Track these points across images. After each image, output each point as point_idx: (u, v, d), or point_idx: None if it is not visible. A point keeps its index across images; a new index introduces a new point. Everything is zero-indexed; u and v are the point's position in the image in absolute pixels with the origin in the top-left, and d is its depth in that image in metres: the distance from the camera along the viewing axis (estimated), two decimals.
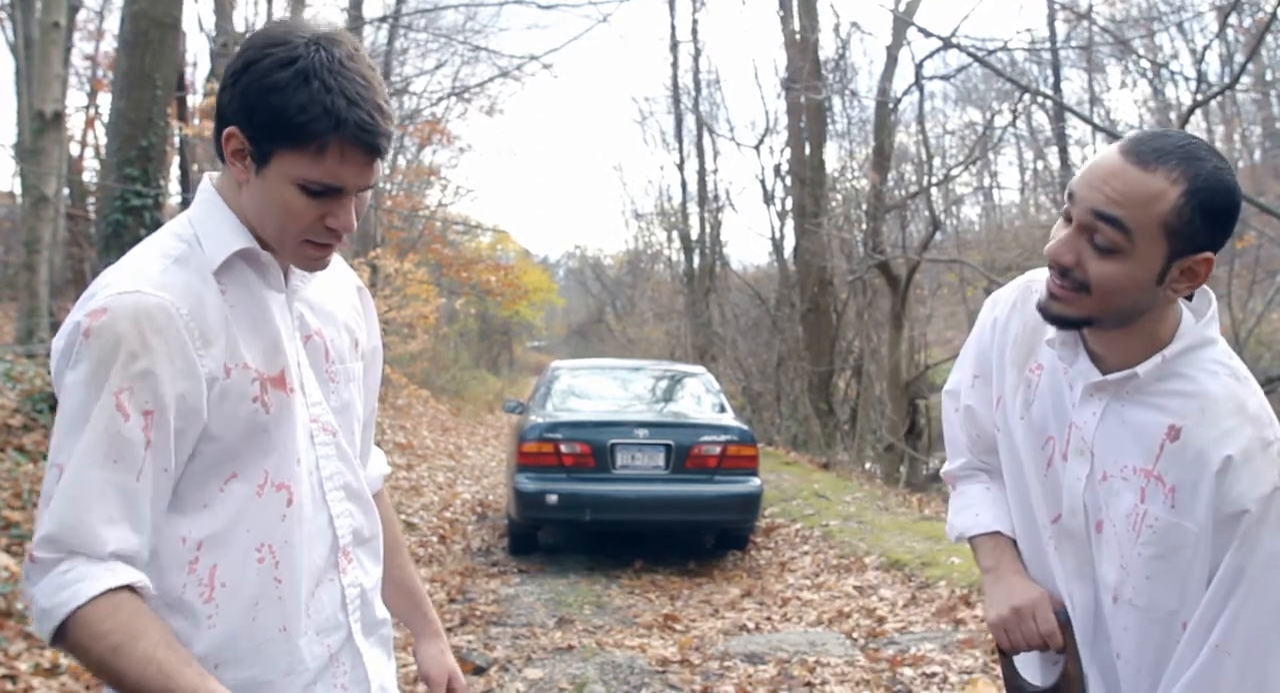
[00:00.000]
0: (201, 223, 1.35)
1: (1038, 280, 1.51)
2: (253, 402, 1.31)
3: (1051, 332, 1.49)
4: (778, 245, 18.86)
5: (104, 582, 1.20)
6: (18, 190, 14.03)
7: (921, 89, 13.66)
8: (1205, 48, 9.46)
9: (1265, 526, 1.32)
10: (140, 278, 1.28)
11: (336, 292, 1.51)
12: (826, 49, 16.61)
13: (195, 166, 14.12)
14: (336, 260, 1.51)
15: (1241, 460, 1.33)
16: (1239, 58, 10.24)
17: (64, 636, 1.21)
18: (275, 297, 1.38)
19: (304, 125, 1.24)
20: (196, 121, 13.55)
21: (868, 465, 14.33)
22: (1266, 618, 1.34)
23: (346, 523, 1.43)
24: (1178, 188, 1.32)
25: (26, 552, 1.30)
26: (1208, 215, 1.33)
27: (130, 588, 1.22)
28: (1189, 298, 1.46)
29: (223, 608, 1.31)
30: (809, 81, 14.64)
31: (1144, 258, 1.34)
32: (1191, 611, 1.38)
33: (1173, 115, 17.25)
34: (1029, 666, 1.60)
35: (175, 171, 13.88)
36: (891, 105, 14.55)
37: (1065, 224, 1.39)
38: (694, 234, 21.86)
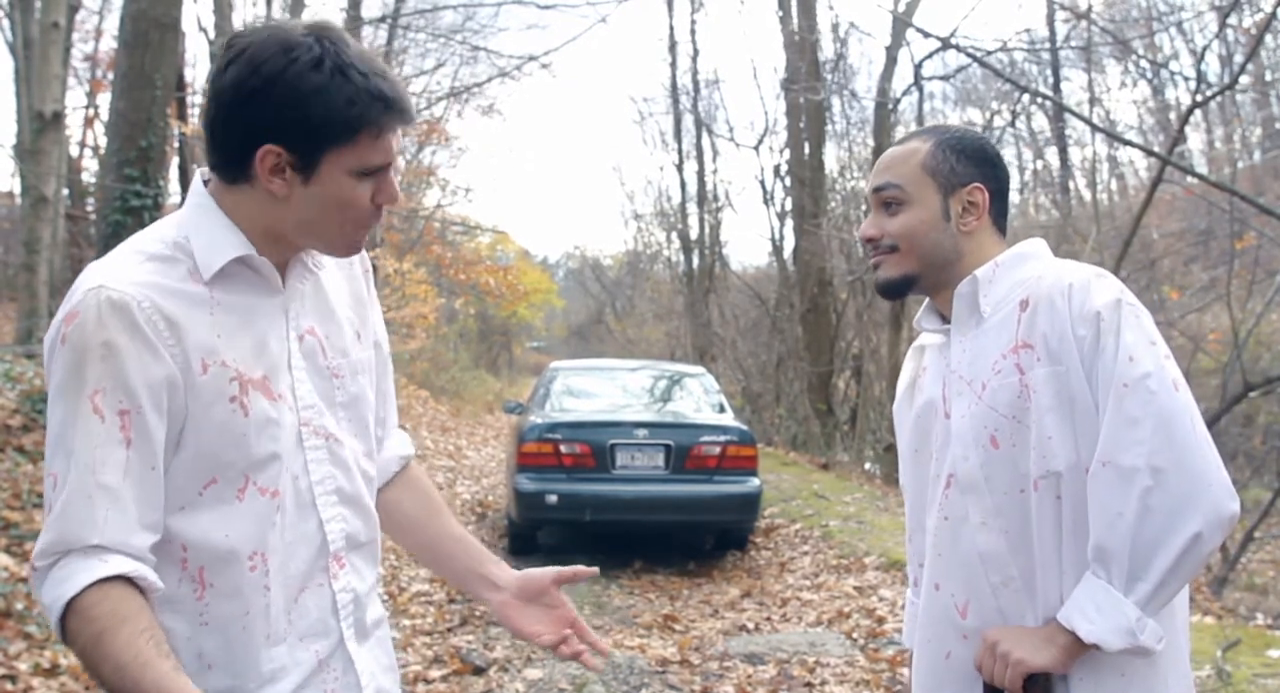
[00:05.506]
0: (194, 227, 1.33)
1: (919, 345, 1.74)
2: (230, 401, 1.29)
3: (919, 338, 1.72)
4: (777, 246, 18.86)
5: (97, 572, 1.20)
6: (17, 190, 14.03)
7: (921, 89, 13.68)
8: (1205, 48, 9.46)
9: (1113, 330, 1.44)
10: (109, 273, 1.27)
11: (332, 281, 1.48)
12: (825, 49, 16.59)
13: (195, 167, 14.13)
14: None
15: (1081, 286, 1.48)
16: (1239, 58, 10.25)
17: (64, 629, 1.22)
18: (271, 301, 1.37)
19: (359, 116, 1.26)
20: (195, 122, 13.55)
21: (867, 466, 14.32)
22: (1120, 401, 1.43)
23: (338, 527, 1.40)
24: (929, 142, 1.63)
25: (30, 563, 1.30)
26: (960, 154, 1.61)
27: (125, 579, 1.21)
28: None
29: (213, 608, 1.30)
30: (808, 82, 14.65)
31: (922, 200, 1.60)
32: (1090, 456, 1.44)
33: (1172, 115, 17.25)
34: None
35: (175, 172, 13.87)
36: (891, 106, 14.54)
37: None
38: (693, 235, 21.83)
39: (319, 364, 1.40)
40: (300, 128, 1.25)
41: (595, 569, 1.66)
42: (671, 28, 21.64)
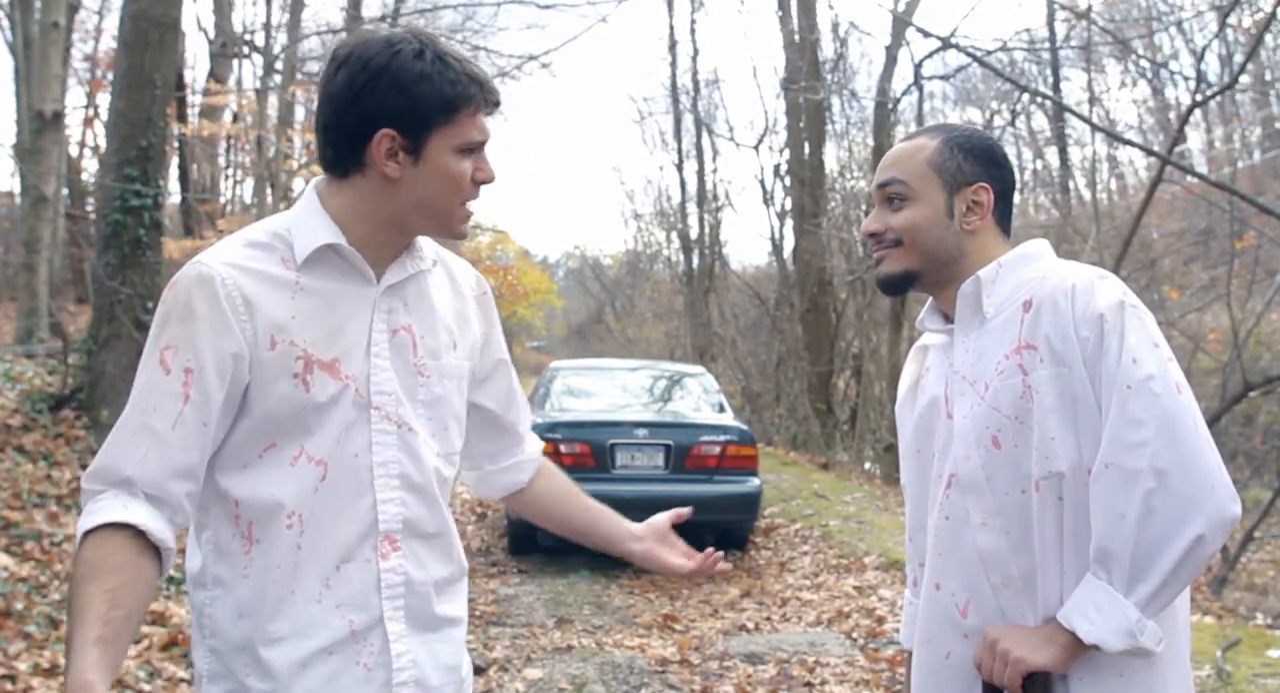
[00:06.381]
0: (296, 218, 1.49)
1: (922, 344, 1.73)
2: (293, 377, 1.42)
3: (921, 338, 1.71)
4: (777, 245, 18.85)
5: (111, 515, 1.33)
6: (17, 190, 14.03)
7: (921, 89, 13.68)
8: (1205, 48, 9.45)
9: (1116, 331, 1.44)
10: (211, 253, 1.45)
11: (444, 291, 1.59)
12: (825, 49, 16.58)
13: (195, 166, 14.13)
14: (458, 263, 1.65)
15: (1085, 287, 1.48)
16: (1239, 58, 10.24)
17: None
18: (361, 291, 1.48)
19: (460, 94, 1.42)
20: (195, 122, 13.56)
21: (867, 465, 14.32)
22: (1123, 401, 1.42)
23: (394, 510, 1.47)
24: (936, 140, 1.63)
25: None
26: (966, 153, 1.61)
27: (134, 529, 1.32)
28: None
29: (256, 562, 1.42)
30: (808, 82, 14.64)
31: (927, 196, 1.60)
32: (1093, 457, 1.44)
33: (1172, 115, 17.25)
34: None
35: (175, 171, 13.88)
36: (891, 105, 14.54)
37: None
38: (693, 234, 21.82)
39: (408, 360, 1.50)
40: (410, 110, 1.41)
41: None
42: (671, 27, 21.61)
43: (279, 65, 13.51)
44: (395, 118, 1.41)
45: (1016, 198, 1.86)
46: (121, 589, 1.29)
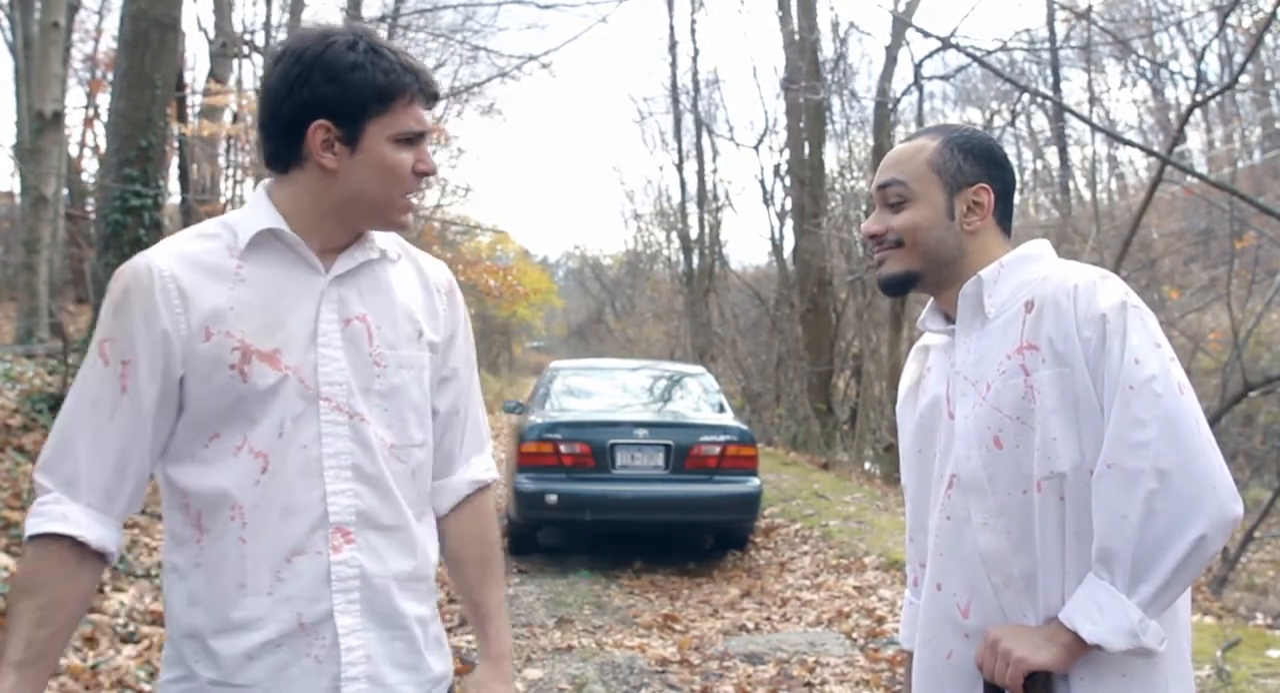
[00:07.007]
0: (244, 209, 1.51)
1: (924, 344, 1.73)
2: (230, 369, 1.42)
3: (922, 338, 1.71)
4: (777, 246, 18.84)
5: (50, 525, 1.38)
6: (17, 190, 14.03)
7: (921, 89, 13.67)
8: (1205, 48, 9.44)
9: (1118, 332, 1.44)
10: (159, 246, 1.48)
11: (410, 284, 1.58)
12: (825, 49, 16.58)
13: (194, 167, 14.12)
14: (429, 259, 1.64)
15: (1087, 288, 1.49)
16: (1239, 58, 10.24)
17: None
18: (307, 280, 1.48)
19: (394, 83, 1.43)
20: (195, 122, 13.55)
21: (867, 466, 14.32)
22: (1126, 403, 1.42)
23: (346, 502, 1.45)
24: (936, 140, 1.63)
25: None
26: (966, 153, 1.61)
27: (72, 539, 1.37)
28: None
29: (206, 552, 1.44)
30: (808, 82, 14.63)
31: (927, 197, 1.60)
32: (1095, 458, 1.44)
33: (1172, 115, 17.25)
34: None
35: (174, 171, 13.86)
36: (891, 105, 14.53)
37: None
38: (693, 234, 21.82)
39: (363, 350, 1.49)
40: (343, 99, 1.41)
41: None
42: (671, 27, 21.64)
43: None
44: (329, 108, 1.41)
45: (1016, 198, 1.86)
46: (52, 606, 1.36)
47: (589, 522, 7.30)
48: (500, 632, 1.65)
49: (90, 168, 19.18)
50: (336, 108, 1.41)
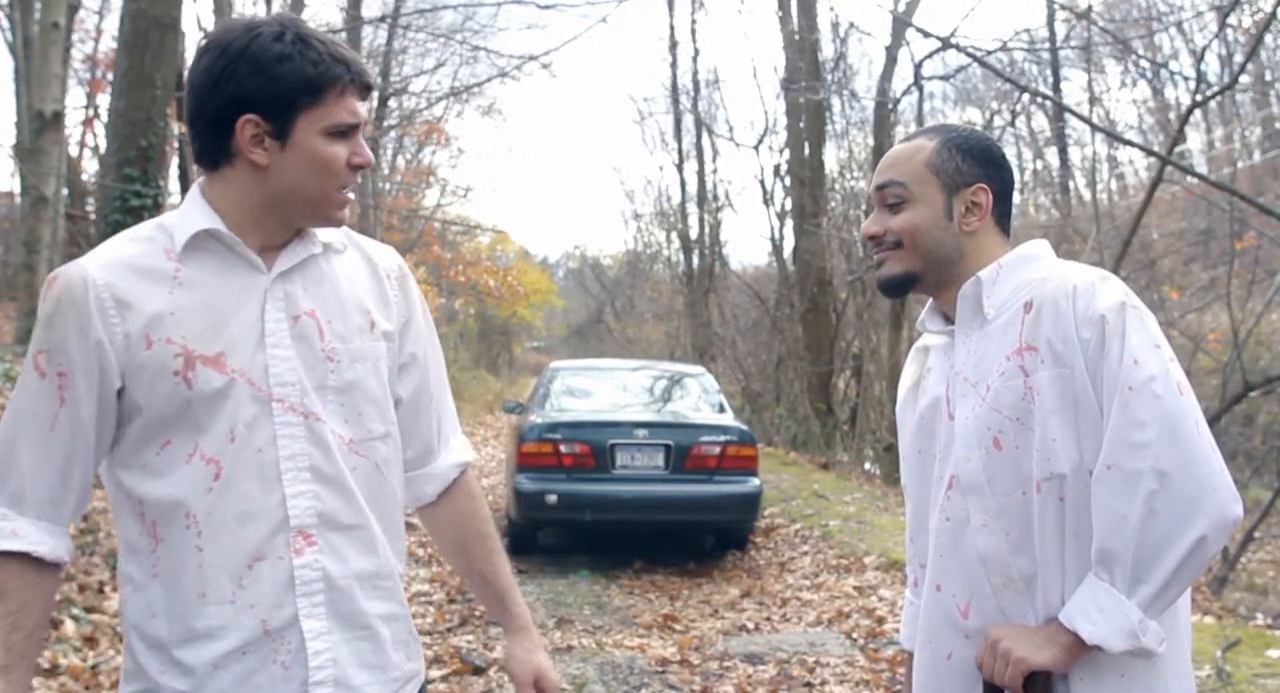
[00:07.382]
0: (179, 211, 1.46)
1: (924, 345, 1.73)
2: (174, 375, 1.38)
3: (922, 338, 1.71)
4: (777, 246, 18.83)
5: (1, 544, 1.37)
6: (17, 190, 14.02)
7: (921, 89, 13.68)
8: (1205, 48, 9.44)
9: (1118, 333, 1.44)
10: (92, 253, 1.43)
11: (358, 273, 1.54)
12: (825, 49, 16.57)
13: (194, 166, 14.10)
14: (377, 247, 1.60)
15: (1086, 288, 1.48)
16: (1239, 58, 10.24)
17: None
18: (249, 280, 1.44)
19: (324, 74, 1.38)
20: None
21: (868, 466, 14.32)
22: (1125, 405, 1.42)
23: (306, 504, 1.42)
24: (934, 141, 1.63)
25: None
26: (965, 153, 1.61)
27: (26, 556, 1.37)
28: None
29: (163, 562, 1.41)
30: (808, 82, 14.63)
31: (926, 198, 1.60)
32: (1095, 458, 1.44)
33: (1172, 115, 17.25)
34: None
35: (174, 171, 13.86)
36: (891, 105, 14.53)
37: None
38: (693, 234, 21.82)
39: (314, 346, 1.45)
40: (270, 92, 1.37)
41: None
42: (672, 28, 21.65)
43: None
44: (256, 101, 1.37)
45: (1016, 198, 1.86)
46: (21, 611, 1.37)
47: (589, 522, 7.29)
48: (520, 603, 1.68)
49: (90, 168, 19.18)
50: (264, 101, 1.36)
